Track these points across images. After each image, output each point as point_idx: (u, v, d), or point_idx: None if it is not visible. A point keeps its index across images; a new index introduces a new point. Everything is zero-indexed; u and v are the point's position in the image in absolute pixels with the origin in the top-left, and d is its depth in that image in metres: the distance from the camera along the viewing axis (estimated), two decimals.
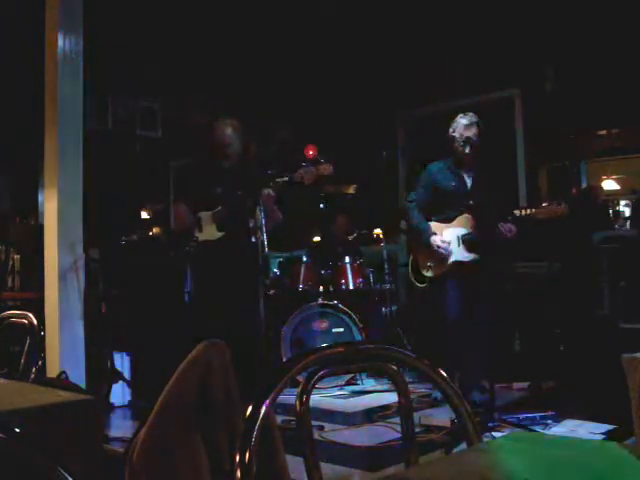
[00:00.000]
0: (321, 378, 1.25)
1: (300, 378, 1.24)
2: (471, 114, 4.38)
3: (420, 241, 4.44)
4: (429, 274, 4.42)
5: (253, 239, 3.91)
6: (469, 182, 4.37)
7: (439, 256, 4.30)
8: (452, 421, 3.66)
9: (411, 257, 4.64)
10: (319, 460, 1.23)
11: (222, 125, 4.27)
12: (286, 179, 4.09)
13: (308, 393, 1.23)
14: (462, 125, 4.30)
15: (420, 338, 5.79)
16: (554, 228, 4.98)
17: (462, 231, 4.29)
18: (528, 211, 4.03)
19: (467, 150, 4.26)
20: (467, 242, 4.27)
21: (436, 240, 4.29)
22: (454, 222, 4.33)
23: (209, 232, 4.19)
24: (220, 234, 4.17)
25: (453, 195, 4.34)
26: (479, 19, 6.22)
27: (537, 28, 6.11)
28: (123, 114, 7.28)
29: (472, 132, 4.28)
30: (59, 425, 1.37)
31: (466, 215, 4.30)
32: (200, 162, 4.67)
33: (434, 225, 4.38)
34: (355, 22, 6.42)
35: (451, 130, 4.36)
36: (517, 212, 4.13)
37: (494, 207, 4.20)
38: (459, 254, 4.29)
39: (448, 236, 4.31)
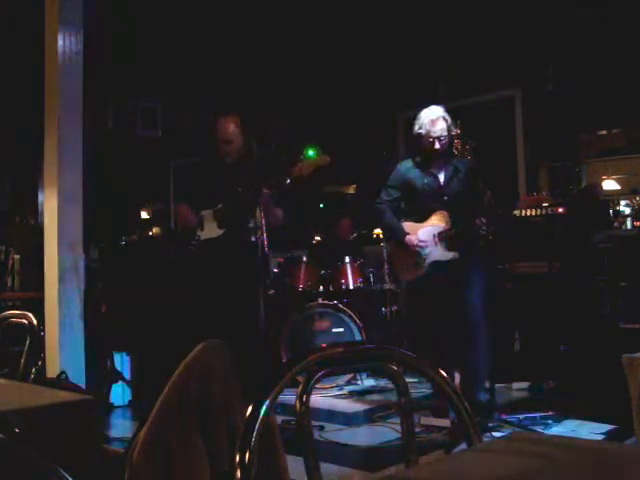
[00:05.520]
0: (321, 378, 1.25)
1: (300, 378, 1.24)
2: (436, 108, 4.10)
3: (395, 243, 4.25)
4: (408, 277, 4.22)
5: (253, 239, 3.91)
6: (442, 178, 4.15)
7: (416, 257, 4.10)
8: (452, 421, 3.66)
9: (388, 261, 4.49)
10: (319, 460, 1.23)
11: (225, 121, 4.26)
12: (285, 176, 4.07)
13: (308, 393, 1.23)
14: (427, 121, 4.04)
15: (420, 338, 5.78)
16: (554, 228, 4.98)
17: (438, 229, 4.08)
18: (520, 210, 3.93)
19: (436, 146, 4.03)
20: (445, 240, 4.07)
21: (412, 240, 4.08)
22: (429, 220, 4.12)
23: (210, 230, 4.19)
24: (221, 231, 4.16)
25: (427, 193, 4.13)
26: (479, 19, 6.22)
27: (537, 28, 6.11)
28: (123, 114, 7.28)
29: (439, 127, 4.03)
30: (59, 425, 1.37)
31: (442, 212, 4.10)
32: (201, 160, 4.67)
33: (409, 225, 4.17)
34: (355, 22, 6.42)
35: (416, 127, 4.11)
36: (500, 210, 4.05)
37: (472, 202, 4.01)
38: (437, 253, 4.09)
39: (424, 235, 4.10)
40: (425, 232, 4.11)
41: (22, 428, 1.14)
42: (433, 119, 4.04)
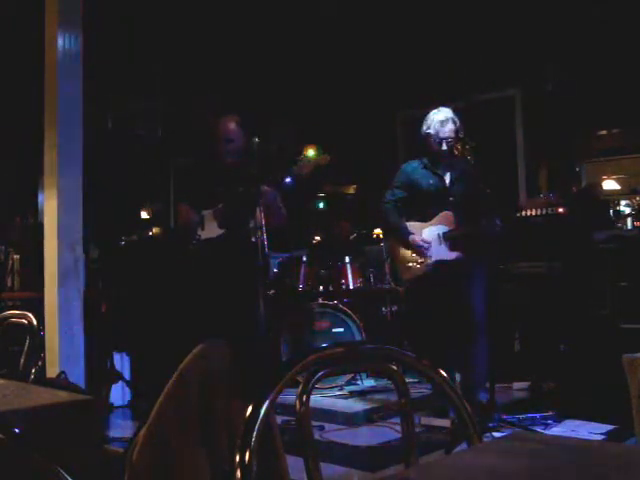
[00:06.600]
0: (321, 378, 1.25)
1: (300, 378, 1.24)
2: (445, 110, 4.18)
3: (399, 242, 4.29)
4: (410, 276, 4.25)
5: (253, 239, 3.91)
6: (447, 179, 4.20)
7: (420, 256, 4.16)
8: (452, 421, 3.66)
9: (389, 260, 4.51)
10: (319, 460, 1.23)
11: (226, 120, 4.26)
12: (286, 176, 4.08)
13: (308, 393, 1.23)
14: (437, 122, 4.11)
15: (420, 338, 5.78)
16: (554, 228, 4.98)
17: (443, 229, 4.14)
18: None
19: (444, 147, 4.11)
20: (449, 240, 4.12)
21: (416, 239, 4.14)
22: (434, 220, 4.17)
23: (211, 230, 4.19)
24: (221, 231, 4.16)
25: (432, 194, 4.18)
26: (479, 19, 6.22)
27: (537, 28, 6.11)
28: (123, 114, 7.27)
29: (448, 128, 4.10)
30: (59, 425, 1.37)
31: (446, 212, 4.14)
32: (202, 160, 4.67)
33: (413, 225, 4.21)
34: (355, 22, 6.42)
35: (425, 127, 4.17)
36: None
37: (477, 203, 4.08)
38: (441, 253, 4.13)
39: (428, 235, 4.15)
40: (429, 232, 4.16)
41: (22, 428, 1.14)
42: (442, 120, 4.11)
